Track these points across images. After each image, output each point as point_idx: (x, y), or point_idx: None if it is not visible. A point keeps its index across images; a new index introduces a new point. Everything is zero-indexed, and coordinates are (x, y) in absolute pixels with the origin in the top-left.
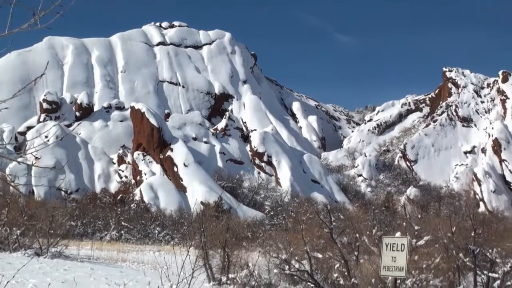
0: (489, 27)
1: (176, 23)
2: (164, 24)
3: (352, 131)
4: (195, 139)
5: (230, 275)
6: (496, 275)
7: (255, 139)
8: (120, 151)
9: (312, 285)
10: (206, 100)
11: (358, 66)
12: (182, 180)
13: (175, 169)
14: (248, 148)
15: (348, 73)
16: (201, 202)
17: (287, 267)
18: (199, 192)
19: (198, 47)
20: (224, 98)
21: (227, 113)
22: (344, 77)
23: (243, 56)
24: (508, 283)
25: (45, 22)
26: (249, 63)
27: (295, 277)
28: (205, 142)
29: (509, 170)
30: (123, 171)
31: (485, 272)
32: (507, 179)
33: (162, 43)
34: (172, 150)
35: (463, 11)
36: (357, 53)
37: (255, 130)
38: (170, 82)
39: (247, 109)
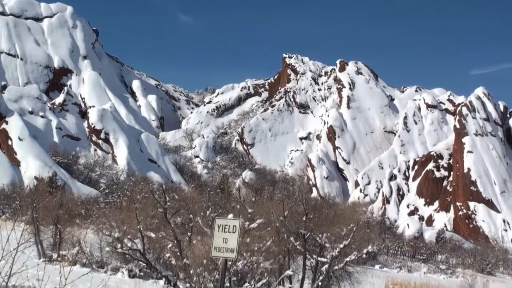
0: (328, 15)
1: None
2: None
3: (191, 112)
4: (31, 113)
5: (62, 252)
6: (325, 260)
7: (93, 115)
8: None
9: (144, 264)
10: (45, 73)
11: (199, 47)
12: (16, 154)
13: (10, 142)
14: (85, 124)
15: (189, 54)
16: (35, 177)
17: (119, 245)
18: (33, 166)
19: (38, 19)
20: (63, 73)
21: (65, 88)
22: (185, 57)
23: (84, 31)
24: (336, 267)
25: None
26: (90, 39)
27: (127, 255)
28: (42, 117)
29: (342, 157)
30: None
31: (315, 256)
32: (340, 166)
33: (1, 13)
34: (7, 123)
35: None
36: (198, 33)
37: (94, 106)
38: (8, 54)
39: (86, 85)
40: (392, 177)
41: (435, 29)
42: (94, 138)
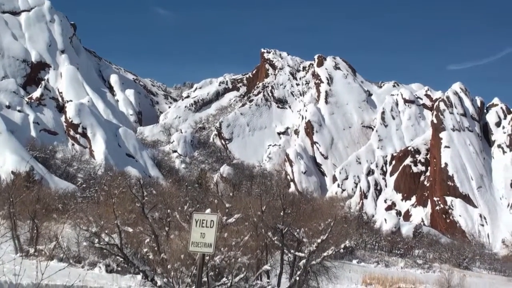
0: (307, 11)
1: None
2: None
3: (169, 107)
4: (8, 107)
5: (38, 247)
6: (303, 254)
7: (70, 110)
8: None
9: (121, 259)
10: (22, 68)
11: (177, 42)
12: None
13: None
14: (63, 119)
15: (167, 48)
16: (12, 172)
17: (96, 240)
18: (10, 161)
19: (16, 13)
20: (40, 67)
21: (43, 82)
22: (163, 52)
23: (62, 25)
24: (314, 262)
25: None
26: (68, 33)
27: (105, 250)
28: (19, 111)
29: (320, 152)
30: None
31: (292, 251)
32: (318, 161)
33: None
34: None
35: None
36: (177, 28)
37: (71, 101)
38: None
39: (63, 79)
40: (370, 172)
41: (413, 24)
42: (71, 132)
